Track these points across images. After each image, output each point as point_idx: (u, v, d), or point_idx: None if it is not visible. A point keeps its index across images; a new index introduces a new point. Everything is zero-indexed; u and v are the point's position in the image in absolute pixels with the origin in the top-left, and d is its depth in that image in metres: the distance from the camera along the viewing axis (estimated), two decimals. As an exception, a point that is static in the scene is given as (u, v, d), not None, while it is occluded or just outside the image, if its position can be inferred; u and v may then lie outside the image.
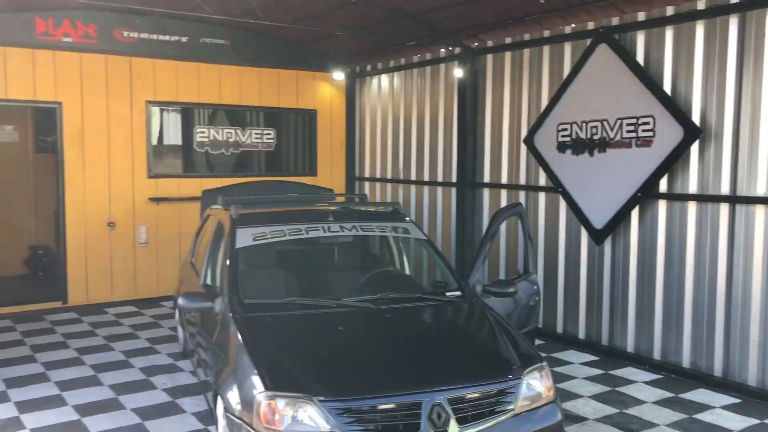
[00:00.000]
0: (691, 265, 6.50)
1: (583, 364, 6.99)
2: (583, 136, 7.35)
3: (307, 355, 4.23)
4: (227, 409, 4.06)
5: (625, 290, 7.10)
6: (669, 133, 6.51)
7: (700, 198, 6.39)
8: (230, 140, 10.34)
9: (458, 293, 5.24)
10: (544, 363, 4.35)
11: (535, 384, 4.19)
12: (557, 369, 6.73)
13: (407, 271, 6.53)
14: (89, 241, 9.18)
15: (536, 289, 6.30)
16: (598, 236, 7.29)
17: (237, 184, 8.54)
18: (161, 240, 9.69)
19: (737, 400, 5.95)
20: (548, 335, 7.84)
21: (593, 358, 7.18)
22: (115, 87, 9.24)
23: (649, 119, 6.68)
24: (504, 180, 8.54)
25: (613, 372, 6.72)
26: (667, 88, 6.61)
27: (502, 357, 4.40)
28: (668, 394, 6.10)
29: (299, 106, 10.86)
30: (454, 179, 9.19)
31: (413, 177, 10.07)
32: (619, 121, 6.96)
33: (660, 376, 6.57)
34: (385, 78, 10.68)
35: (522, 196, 8.27)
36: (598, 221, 7.26)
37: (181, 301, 4.83)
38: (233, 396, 4.02)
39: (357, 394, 3.81)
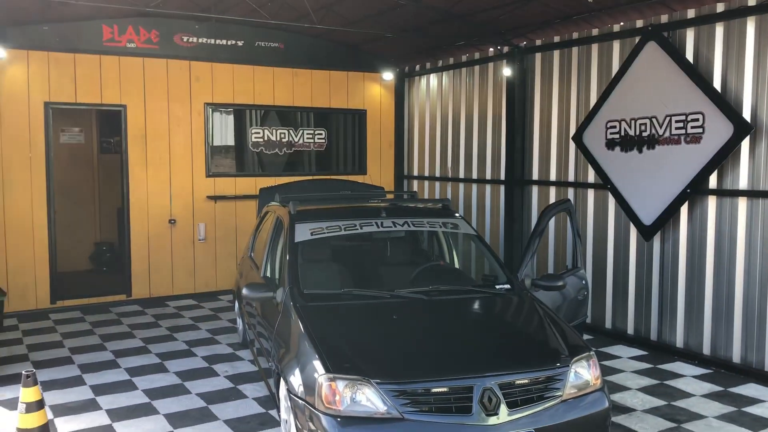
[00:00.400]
0: (741, 260, 6.51)
1: (631, 358, 7.06)
2: (631, 133, 7.41)
3: (364, 341, 4.47)
4: (290, 391, 4.32)
5: (674, 286, 7.14)
6: (719, 130, 6.53)
7: (751, 194, 6.40)
8: (283, 140, 10.67)
9: (508, 286, 5.38)
10: (592, 352, 4.48)
11: (583, 372, 4.33)
12: (606, 363, 6.82)
13: (457, 265, 6.71)
14: (151, 238, 9.63)
15: (584, 284, 6.40)
16: (647, 232, 7.34)
17: (292, 182, 8.86)
18: (218, 236, 10.09)
19: (788, 395, 5.96)
20: (597, 330, 7.92)
21: (642, 352, 7.24)
22: (175, 90, 9.68)
23: (699, 116, 6.71)
24: (553, 177, 8.64)
25: (661, 366, 6.77)
26: (717, 84, 6.63)
27: (551, 346, 4.56)
28: (717, 388, 6.14)
29: (349, 106, 11.14)
30: (502, 177, 9.31)
31: (462, 175, 10.22)
32: (668, 118, 7.00)
33: (709, 371, 6.60)
34: (433, 77, 10.86)
35: (571, 192, 8.36)
36: (647, 217, 7.31)
37: (245, 291, 5.12)
38: (296, 379, 4.27)
39: (412, 378, 4.02)
